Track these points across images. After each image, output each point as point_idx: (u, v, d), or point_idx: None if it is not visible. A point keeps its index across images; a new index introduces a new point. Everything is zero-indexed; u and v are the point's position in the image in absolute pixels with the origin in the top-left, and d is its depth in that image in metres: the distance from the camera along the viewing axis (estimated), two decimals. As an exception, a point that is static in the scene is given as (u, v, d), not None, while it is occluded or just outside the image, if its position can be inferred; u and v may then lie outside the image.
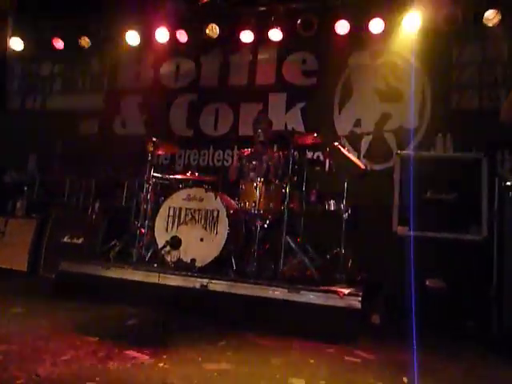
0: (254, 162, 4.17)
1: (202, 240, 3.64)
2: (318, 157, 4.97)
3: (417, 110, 4.75)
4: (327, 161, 3.84)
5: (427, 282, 3.51)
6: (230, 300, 3.14)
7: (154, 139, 4.12)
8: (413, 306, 2.99)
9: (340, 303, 2.93)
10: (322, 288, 3.10)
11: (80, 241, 4.51)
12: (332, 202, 3.83)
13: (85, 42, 5.83)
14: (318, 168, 4.05)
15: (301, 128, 5.05)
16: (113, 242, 4.12)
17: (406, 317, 2.97)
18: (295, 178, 3.77)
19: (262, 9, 5.23)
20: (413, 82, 4.76)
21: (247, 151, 4.35)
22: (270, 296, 3.10)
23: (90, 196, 5.07)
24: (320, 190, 3.91)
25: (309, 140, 3.89)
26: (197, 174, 4.18)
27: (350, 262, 3.70)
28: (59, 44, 5.93)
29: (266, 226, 3.72)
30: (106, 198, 4.99)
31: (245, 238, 3.83)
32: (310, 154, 4.93)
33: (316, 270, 3.46)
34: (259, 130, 4.19)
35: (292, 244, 3.55)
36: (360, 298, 2.92)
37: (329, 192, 3.87)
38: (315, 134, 3.81)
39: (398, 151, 4.19)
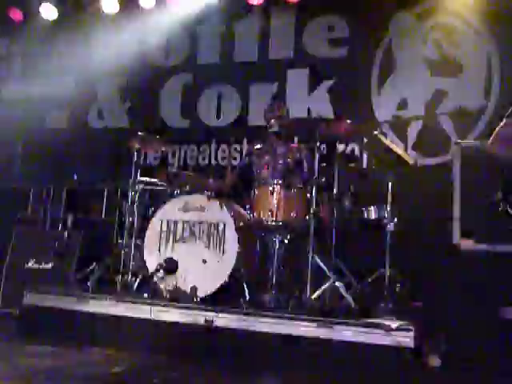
0: (267, 159, 4.19)
1: (204, 262, 3.67)
2: (353, 150, 4.98)
3: (481, 85, 4.78)
4: (365, 155, 3.84)
5: (502, 312, 3.40)
6: (242, 339, 3.15)
7: (140, 133, 4.17)
8: (484, 345, 2.97)
9: (386, 341, 2.92)
10: (362, 321, 3.09)
11: (49, 266, 4.54)
12: (372, 208, 3.84)
13: (49, 11, 5.92)
14: (352, 165, 4.12)
15: (329, 113, 5.09)
16: (91, 267, 4.19)
17: (475, 359, 2.95)
18: (323, 179, 3.77)
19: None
20: (475, 51, 4.77)
21: (259, 146, 4.39)
22: (294, 333, 3.10)
23: (61, 208, 5.12)
24: (356, 194, 3.94)
25: (340, 129, 3.89)
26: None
27: (398, 286, 3.69)
28: (18, 16, 6.05)
29: (286, 241, 3.74)
30: (81, 210, 5.05)
31: (260, 259, 3.87)
32: (341, 147, 4.95)
33: (354, 298, 3.46)
34: (274, 119, 4.19)
35: (321, 264, 3.56)
36: (413, 334, 2.91)
37: (368, 196, 3.90)
38: (348, 121, 3.82)
39: (458, 140, 4.18)
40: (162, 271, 3.67)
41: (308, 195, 3.68)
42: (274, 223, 3.65)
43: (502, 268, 3.48)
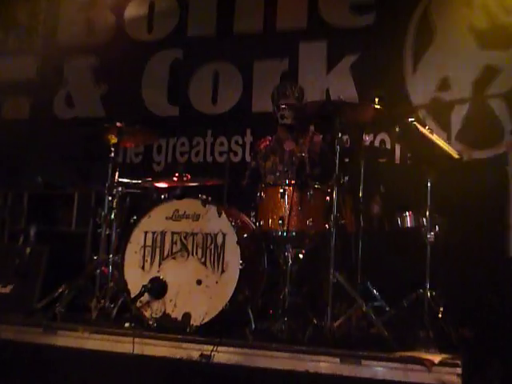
0: (277, 155, 4.20)
1: (199, 283, 3.67)
2: (383, 142, 4.99)
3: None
4: (397, 148, 3.84)
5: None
6: (247, 378, 3.13)
7: (119, 124, 4.17)
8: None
9: (428, 379, 2.89)
10: (396, 355, 3.06)
11: (7, 289, 4.50)
12: (407, 214, 3.84)
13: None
14: (382, 160, 4.12)
15: (353, 96, 5.10)
16: (59, 290, 4.13)
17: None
18: (346, 178, 3.76)
19: None
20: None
21: (265, 140, 4.42)
22: (311, 370, 3.07)
23: (22, 217, 5.14)
24: (387, 196, 3.96)
25: (366, 115, 3.89)
26: (188, 176, 4.19)
27: (441, 310, 3.64)
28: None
29: (301, 256, 3.76)
30: (46, 219, 5.05)
31: (268, 277, 3.86)
32: (368, 138, 4.85)
33: (386, 326, 3.42)
34: (283, 105, 4.20)
35: (345, 284, 3.53)
36: (460, 370, 2.88)
37: (402, 199, 3.93)
38: (377, 105, 3.79)
39: (514, 128, 4.20)
40: (146, 295, 3.66)
41: (328, 198, 3.68)
42: (285, 234, 3.66)
43: None
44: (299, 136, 4.32)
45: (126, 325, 3.69)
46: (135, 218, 3.98)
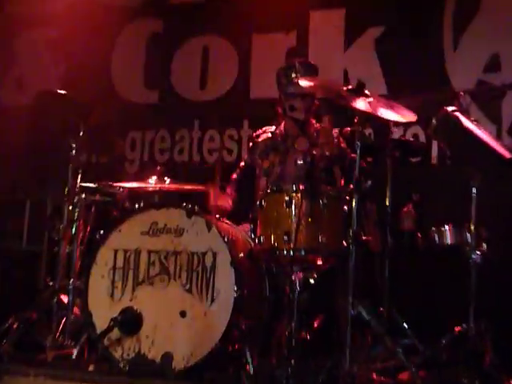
0: (282, 154, 4.25)
1: (183, 315, 3.66)
2: (415, 137, 4.98)
3: None
4: (434, 144, 3.95)
5: None
6: None
7: (82, 112, 4.15)
8: None
9: None
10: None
11: None
12: (447, 228, 3.84)
13: None
14: (415, 159, 4.14)
15: (378, 79, 5.16)
16: (6, 324, 4.13)
17: None
18: (369, 183, 3.81)
19: None
20: None
21: (265, 132, 4.43)
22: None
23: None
24: (421, 205, 3.95)
25: (395, 104, 3.84)
26: (168, 179, 4.22)
27: (491, 352, 3.62)
28: None
29: (312, 281, 3.75)
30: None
31: (271, 308, 3.86)
32: (397, 132, 4.81)
33: (421, 371, 3.44)
34: (290, 89, 4.21)
35: (368, 317, 3.50)
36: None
37: (440, 209, 3.93)
38: (407, 91, 3.89)
39: None
40: (116, 330, 3.65)
41: (345, 208, 3.67)
42: (292, 253, 3.59)
43: None
44: (311, 130, 4.33)
45: (91, 368, 3.69)
46: (102, 232, 3.96)
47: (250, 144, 4.57)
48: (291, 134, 4.35)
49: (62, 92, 4.18)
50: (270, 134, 4.45)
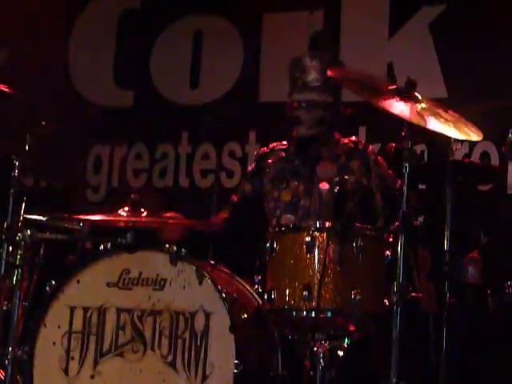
0: (299, 179, 4.03)
1: (164, 398, 3.39)
2: (486, 156, 4.79)
3: None
4: (510, 167, 3.75)
5: None
6: None
7: (29, 118, 3.81)
8: None
9: None
10: None
11: None
12: (526, 282, 3.70)
13: None
14: (485, 187, 4.08)
15: (435, 78, 4.92)
16: None
17: None
18: (421, 218, 3.45)
19: None
20: None
21: (277, 147, 4.15)
22: None
23: None
24: (491, 250, 3.86)
25: (458, 112, 3.45)
26: (145, 212, 3.87)
27: None
28: None
29: (341, 353, 3.37)
30: None
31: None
32: (461, 150, 4.58)
33: None
34: (294, 94, 3.91)
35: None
36: None
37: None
38: (476, 96, 3.70)
39: None
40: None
41: (388, 254, 3.36)
42: (314, 314, 3.25)
43: None
44: (339, 148, 3.99)
45: None
46: (54, 283, 3.67)
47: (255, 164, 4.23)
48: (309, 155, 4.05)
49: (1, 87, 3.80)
50: (283, 154, 4.09)
